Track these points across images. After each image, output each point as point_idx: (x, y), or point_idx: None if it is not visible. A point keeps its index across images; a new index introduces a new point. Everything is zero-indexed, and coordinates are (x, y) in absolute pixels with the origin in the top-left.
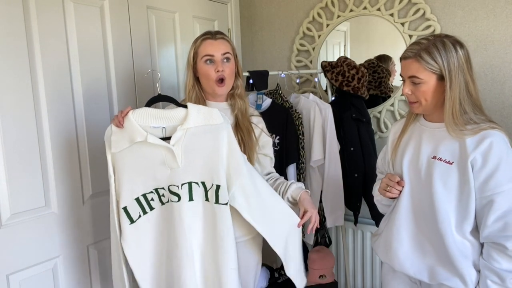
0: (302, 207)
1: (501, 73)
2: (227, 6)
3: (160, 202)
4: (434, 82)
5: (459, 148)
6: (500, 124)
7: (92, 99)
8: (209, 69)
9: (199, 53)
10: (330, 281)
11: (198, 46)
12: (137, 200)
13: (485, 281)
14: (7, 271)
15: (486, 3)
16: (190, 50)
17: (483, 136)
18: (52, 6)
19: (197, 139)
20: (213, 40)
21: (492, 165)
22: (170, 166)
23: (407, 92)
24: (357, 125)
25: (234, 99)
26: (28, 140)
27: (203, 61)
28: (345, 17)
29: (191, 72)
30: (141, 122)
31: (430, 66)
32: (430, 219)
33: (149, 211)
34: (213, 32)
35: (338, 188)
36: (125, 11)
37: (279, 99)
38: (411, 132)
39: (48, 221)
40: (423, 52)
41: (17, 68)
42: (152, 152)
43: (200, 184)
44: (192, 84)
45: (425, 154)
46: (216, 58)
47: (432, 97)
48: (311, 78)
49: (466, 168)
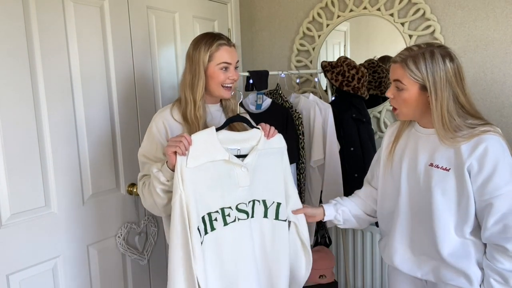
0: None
1: (501, 73)
2: (227, 6)
3: (223, 222)
4: (415, 91)
5: (454, 155)
6: (498, 125)
7: (92, 99)
8: (222, 75)
9: (215, 58)
10: (330, 281)
11: (215, 51)
12: (202, 218)
13: (489, 280)
14: (7, 271)
15: (486, 3)
16: (203, 52)
17: (478, 142)
18: (52, 6)
19: (263, 160)
20: (229, 47)
21: (488, 169)
22: (240, 185)
23: (389, 95)
24: (357, 125)
25: (226, 101)
26: (28, 140)
27: (218, 67)
28: (345, 17)
29: (203, 74)
30: (223, 143)
31: (413, 75)
32: (428, 225)
33: (209, 231)
34: (225, 37)
35: (338, 188)
36: (125, 11)
37: (279, 99)
38: (406, 138)
39: (48, 221)
40: (410, 60)
41: (17, 68)
42: (225, 171)
43: (261, 202)
44: (202, 86)
45: (422, 161)
46: (231, 66)
47: (414, 106)
48: (311, 78)
49: (463, 174)
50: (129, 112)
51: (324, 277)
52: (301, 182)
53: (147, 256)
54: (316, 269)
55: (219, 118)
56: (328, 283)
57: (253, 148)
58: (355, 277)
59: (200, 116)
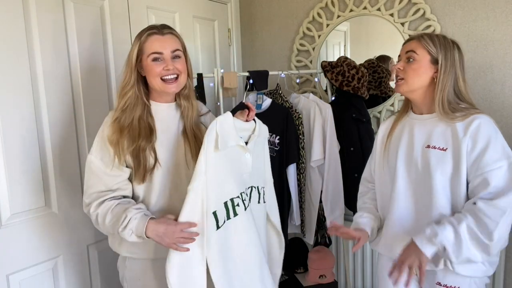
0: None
1: (501, 73)
2: (227, 6)
3: (244, 206)
4: (426, 62)
5: (451, 134)
6: (498, 125)
7: (92, 99)
8: (156, 67)
9: (144, 50)
10: (330, 281)
11: (144, 42)
12: (225, 204)
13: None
14: (7, 271)
15: (486, 3)
16: (133, 46)
17: (472, 119)
18: (52, 6)
19: (256, 148)
20: (161, 36)
21: (482, 144)
22: (246, 171)
23: (398, 67)
24: (357, 125)
25: (180, 101)
26: (28, 140)
27: (150, 59)
28: (345, 17)
29: (134, 71)
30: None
31: (429, 47)
32: (429, 208)
33: (232, 216)
34: (159, 26)
35: (338, 188)
36: (125, 11)
37: (279, 99)
38: (402, 126)
39: (48, 221)
40: (426, 35)
41: (17, 68)
42: (238, 157)
43: (256, 188)
44: (132, 84)
45: (418, 144)
46: (165, 56)
47: (421, 78)
48: (311, 78)
49: (459, 153)
50: None
51: (324, 277)
52: (301, 182)
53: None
54: (316, 269)
55: (176, 119)
56: (328, 283)
57: (250, 136)
58: (355, 277)
59: (124, 107)
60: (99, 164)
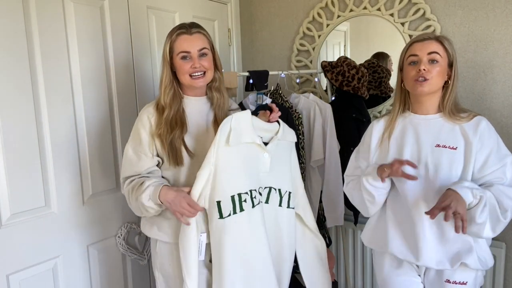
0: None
1: (501, 73)
2: (227, 6)
3: (252, 203)
4: (445, 65)
5: (460, 133)
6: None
7: (92, 99)
8: (185, 65)
9: (174, 49)
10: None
11: (174, 41)
12: (232, 198)
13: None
14: (7, 271)
15: (486, 3)
16: (165, 44)
17: (478, 120)
18: (52, 6)
19: (279, 151)
20: (189, 35)
21: (491, 143)
22: (263, 170)
23: (424, 67)
24: (357, 125)
25: (212, 93)
26: (28, 140)
27: (179, 57)
28: (345, 17)
29: (168, 67)
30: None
31: (449, 50)
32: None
33: (238, 211)
34: (188, 25)
35: (338, 188)
36: (125, 11)
37: (279, 99)
38: (402, 126)
39: (48, 221)
40: (443, 37)
41: (17, 68)
42: (255, 155)
43: (277, 190)
44: (169, 80)
45: (426, 143)
46: (193, 54)
47: (442, 80)
48: (311, 78)
49: (470, 152)
50: (129, 111)
51: None
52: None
53: (147, 256)
54: None
55: (207, 111)
56: None
57: (272, 138)
58: (355, 277)
59: (166, 103)
60: (131, 153)
